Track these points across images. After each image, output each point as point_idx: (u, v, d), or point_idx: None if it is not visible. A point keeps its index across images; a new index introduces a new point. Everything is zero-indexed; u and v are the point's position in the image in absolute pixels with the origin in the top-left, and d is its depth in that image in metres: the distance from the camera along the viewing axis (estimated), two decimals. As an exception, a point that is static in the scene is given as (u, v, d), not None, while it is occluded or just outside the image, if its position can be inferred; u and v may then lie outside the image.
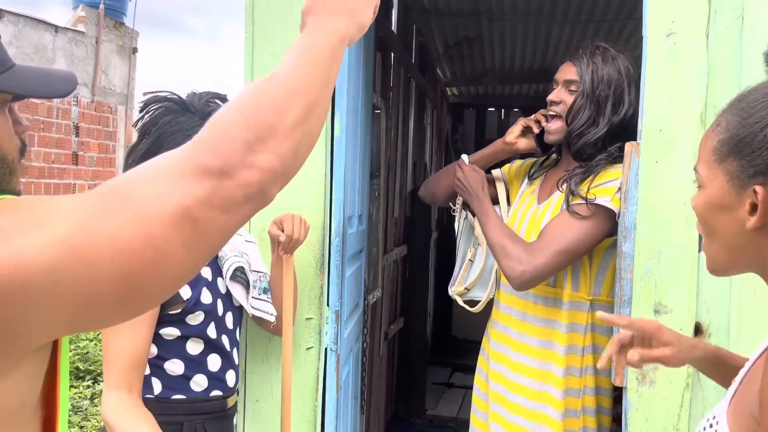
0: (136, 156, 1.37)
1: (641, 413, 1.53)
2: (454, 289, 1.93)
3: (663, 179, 1.51)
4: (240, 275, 1.50)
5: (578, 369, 1.69)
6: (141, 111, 1.43)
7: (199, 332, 1.39)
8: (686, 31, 1.51)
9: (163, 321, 1.37)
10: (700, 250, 1.51)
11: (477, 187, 1.82)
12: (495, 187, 1.95)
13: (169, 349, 1.38)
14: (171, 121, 1.37)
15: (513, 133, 1.87)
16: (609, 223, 1.61)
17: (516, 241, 1.67)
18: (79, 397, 3.07)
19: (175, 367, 1.40)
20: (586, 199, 1.61)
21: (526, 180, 1.92)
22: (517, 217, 1.83)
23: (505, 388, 1.75)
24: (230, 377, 1.48)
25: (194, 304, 1.38)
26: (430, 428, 3.85)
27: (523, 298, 1.74)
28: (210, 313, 1.40)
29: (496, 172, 2.00)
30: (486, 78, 5.58)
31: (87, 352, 3.39)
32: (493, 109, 6.42)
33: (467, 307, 1.91)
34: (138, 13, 9.59)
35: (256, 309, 1.54)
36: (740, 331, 1.47)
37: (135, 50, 9.53)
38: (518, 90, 5.96)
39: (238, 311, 1.53)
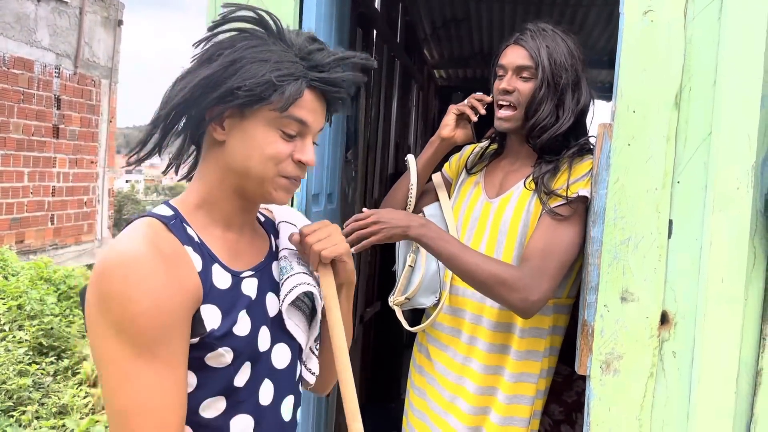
0: (194, 80, 0.96)
1: (604, 403, 1.49)
2: (393, 299, 1.75)
3: (634, 163, 1.46)
4: (304, 302, 1.07)
5: (534, 375, 1.62)
6: (215, 26, 1.01)
7: (222, 384, 0.96)
8: (664, 9, 1.44)
9: None
10: (669, 236, 1.46)
11: (407, 219, 1.55)
12: (437, 196, 1.81)
13: None
14: (257, 47, 0.97)
15: (448, 126, 1.73)
16: None
17: (504, 265, 1.52)
18: (42, 374, 3.01)
19: None
20: (567, 197, 1.54)
21: (463, 172, 1.80)
22: (461, 212, 1.71)
23: (445, 389, 1.68)
24: None
25: (221, 336, 0.94)
26: (404, 412, 3.82)
27: (480, 301, 1.64)
28: (245, 351, 0.97)
29: (436, 178, 1.85)
30: (474, 61, 5.52)
31: (51, 328, 3.33)
32: (481, 93, 6.37)
33: (406, 325, 1.76)
34: (124, -16, 9.41)
35: (302, 364, 1.11)
36: (707, 321, 1.42)
37: (120, 23, 9.36)
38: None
39: (296, 342, 1.08)
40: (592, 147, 1.61)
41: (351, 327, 1.18)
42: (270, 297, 1.04)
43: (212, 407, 0.96)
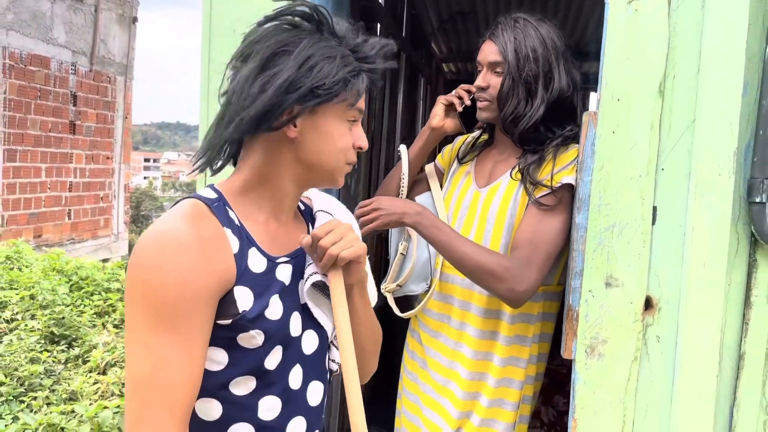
0: (273, 85, 0.95)
1: (589, 386, 1.52)
2: (384, 286, 1.79)
3: (619, 150, 1.48)
4: (324, 289, 1.06)
5: (523, 360, 1.66)
6: (266, 21, 1.03)
7: (252, 364, 0.98)
8: (648, -2, 1.46)
9: None
10: (654, 223, 1.49)
11: (404, 207, 1.58)
12: (428, 185, 1.84)
13: (205, 380, 0.97)
14: (319, 42, 0.97)
15: (437, 116, 1.76)
16: None
17: (494, 256, 1.54)
18: (53, 361, 3.09)
19: (209, 408, 0.99)
20: (551, 187, 1.57)
21: (455, 162, 1.84)
22: (452, 201, 1.75)
23: (438, 373, 1.72)
24: (295, 428, 1.05)
25: (253, 319, 0.96)
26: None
27: (468, 288, 1.67)
28: (276, 335, 0.99)
29: (428, 169, 1.88)
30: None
31: (62, 318, 3.41)
32: (468, 84, 6.35)
33: (397, 311, 1.80)
34: (139, -18, 9.52)
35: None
36: (689, 306, 1.44)
37: (135, 20, 9.47)
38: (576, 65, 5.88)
39: (324, 330, 1.09)
40: (577, 135, 1.63)
41: (373, 323, 1.15)
42: (302, 284, 1.06)
43: (242, 385, 0.99)
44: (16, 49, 7.47)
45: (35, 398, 2.72)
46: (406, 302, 1.95)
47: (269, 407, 1.01)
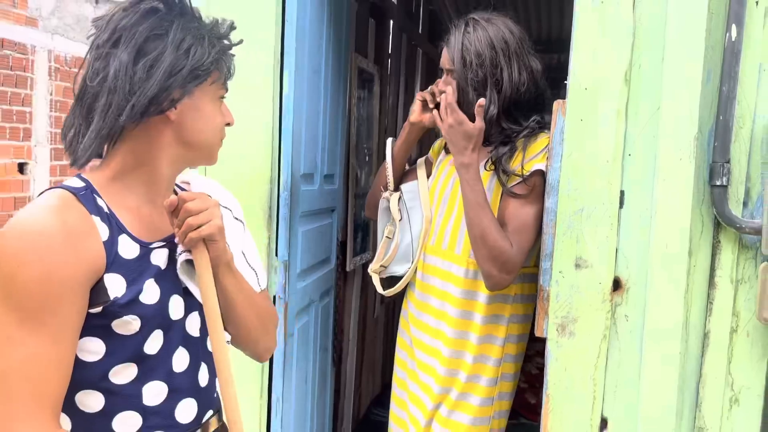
0: (159, 70, 0.97)
1: (560, 363, 1.59)
2: (370, 267, 1.90)
3: (587, 137, 1.54)
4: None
5: (500, 339, 1.74)
6: (133, 5, 1.01)
7: (131, 351, 0.98)
8: (613, -9, 1.52)
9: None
10: (621, 207, 1.55)
11: (471, 153, 1.62)
12: (417, 175, 1.92)
13: (83, 372, 0.96)
14: (190, 23, 1.02)
15: (415, 112, 1.84)
16: None
17: (506, 241, 1.60)
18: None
19: (90, 400, 0.98)
20: (523, 176, 1.64)
21: (443, 152, 1.91)
22: (437, 188, 1.83)
23: (422, 351, 1.81)
24: (185, 410, 1.06)
25: (126, 304, 0.96)
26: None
27: (447, 269, 1.75)
28: (153, 319, 0.99)
29: (420, 160, 1.97)
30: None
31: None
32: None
33: (380, 289, 1.88)
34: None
35: None
36: (653, 286, 1.50)
37: (174, 22, 9.74)
38: (548, 60, 5.89)
39: None
40: (546, 123, 1.70)
41: (253, 301, 1.15)
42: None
43: (122, 374, 0.98)
44: (61, 52, 7.82)
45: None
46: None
47: (154, 393, 1.01)
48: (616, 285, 1.56)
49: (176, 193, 1.14)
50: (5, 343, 0.88)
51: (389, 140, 1.93)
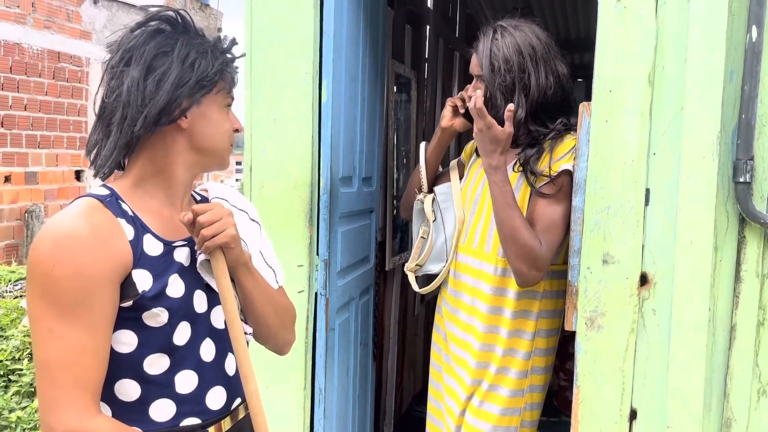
0: (167, 83, 1.07)
1: (590, 356, 1.65)
2: (406, 266, 1.98)
3: (612, 137, 1.60)
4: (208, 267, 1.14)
5: (529, 333, 1.80)
6: (142, 25, 1.11)
7: (161, 342, 1.07)
8: (636, -4, 1.58)
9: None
10: (646, 204, 1.60)
11: (499, 157, 1.68)
12: (450, 177, 1.99)
13: (119, 363, 1.05)
14: (194, 39, 1.11)
15: (446, 117, 1.91)
16: None
17: (536, 240, 1.66)
18: None
19: (128, 389, 1.07)
20: (550, 176, 1.71)
21: (474, 155, 1.98)
22: (469, 189, 1.90)
23: (455, 345, 1.89)
24: (215, 398, 1.15)
25: (154, 297, 1.05)
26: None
27: (478, 267, 1.82)
28: (179, 311, 1.08)
29: (452, 163, 2.04)
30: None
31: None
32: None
33: (416, 287, 1.97)
34: (221, -5, 10.10)
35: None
36: (679, 281, 1.55)
37: (219, 30, 10.06)
38: (579, 59, 5.88)
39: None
40: (572, 125, 1.76)
41: (270, 299, 1.22)
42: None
43: (156, 364, 1.07)
44: (113, 64, 8.16)
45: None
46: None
47: (186, 381, 1.10)
48: (643, 280, 1.61)
49: (195, 199, 1.25)
50: (47, 335, 0.98)
51: (422, 144, 2.02)
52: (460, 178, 2.00)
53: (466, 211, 1.89)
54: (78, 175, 7.85)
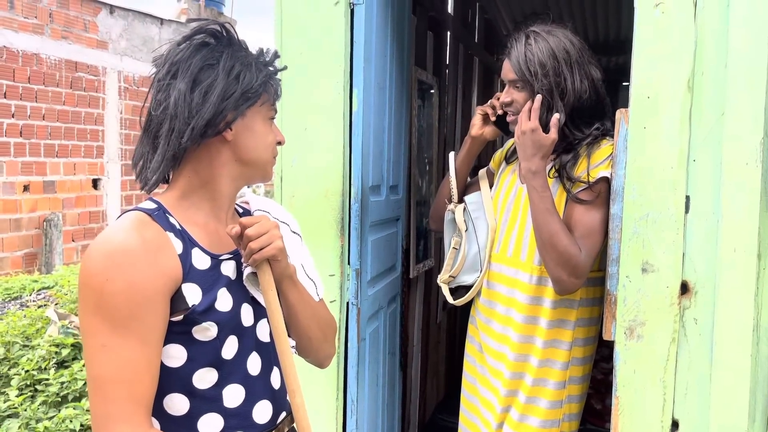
0: (212, 95, 1.07)
1: (629, 366, 1.62)
2: (439, 277, 1.96)
3: (650, 144, 1.58)
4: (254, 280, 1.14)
5: (566, 343, 1.78)
6: (188, 39, 1.12)
7: (211, 356, 1.07)
8: (674, 1, 1.55)
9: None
10: (687, 212, 1.57)
11: (538, 162, 1.67)
12: (479, 186, 1.98)
13: (169, 377, 1.05)
14: (239, 51, 1.12)
15: (476, 126, 1.91)
16: None
17: (575, 246, 1.65)
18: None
19: (176, 403, 1.07)
20: (588, 183, 1.69)
21: (503, 163, 1.97)
22: (500, 197, 1.89)
23: (489, 356, 1.87)
24: (261, 412, 1.14)
25: (204, 312, 1.05)
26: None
27: (513, 276, 1.81)
28: (228, 325, 1.08)
29: (481, 173, 2.02)
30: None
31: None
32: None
33: (450, 298, 1.96)
34: (234, 0, 10.16)
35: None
36: (722, 290, 1.52)
37: (233, 39, 10.09)
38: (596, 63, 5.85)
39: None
40: (607, 130, 1.74)
41: (314, 312, 1.23)
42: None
43: (205, 378, 1.07)
44: (129, 72, 8.23)
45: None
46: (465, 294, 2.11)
47: (233, 395, 1.10)
48: (684, 289, 1.58)
49: (237, 212, 1.24)
50: (100, 350, 0.98)
51: (451, 154, 2.00)
52: (490, 187, 1.98)
53: (498, 219, 1.87)
54: (95, 183, 7.91)
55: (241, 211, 1.27)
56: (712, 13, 1.53)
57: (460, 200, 1.97)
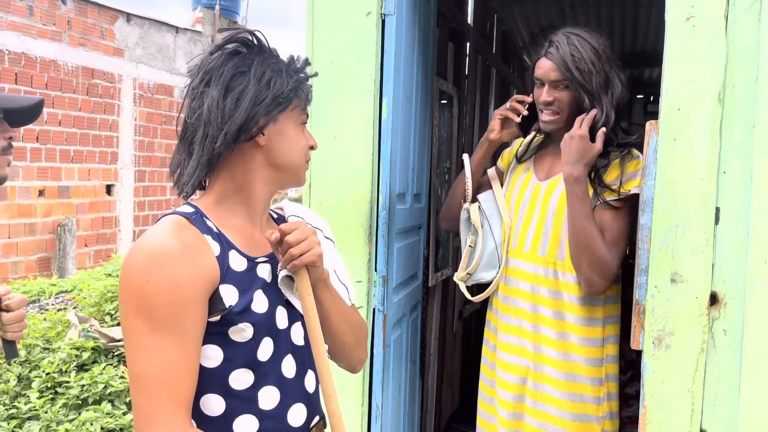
0: (244, 101, 1.09)
1: (657, 375, 1.63)
2: (456, 275, 2.00)
3: (680, 156, 1.59)
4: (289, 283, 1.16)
5: (599, 339, 1.81)
6: (220, 47, 1.14)
7: (246, 357, 1.08)
8: (705, 15, 1.57)
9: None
10: (716, 223, 1.58)
11: (578, 168, 1.71)
12: (491, 186, 2.02)
13: (205, 378, 1.07)
14: (269, 59, 1.14)
15: (495, 130, 1.93)
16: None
17: (609, 251, 1.71)
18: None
19: (213, 404, 1.08)
20: (619, 193, 1.75)
21: (513, 161, 2.00)
22: (513, 194, 1.93)
23: (503, 352, 1.90)
24: (296, 415, 1.15)
25: (240, 312, 1.06)
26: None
27: (534, 272, 1.85)
28: (263, 326, 1.09)
29: (490, 172, 2.06)
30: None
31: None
32: (521, 95, 6.34)
33: (468, 295, 1.99)
34: (249, 10, 10.25)
35: None
36: (753, 301, 1.53)
37: (246, 47, 10.16)
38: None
39: None
40: (640, 143, 1.76)
41: (347, 317, 1.25)
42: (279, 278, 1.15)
43: (241, 380, 1.08)
44: (144, 80, 8.30)
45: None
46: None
47: (269, 397, 1.11)
48: (713, 299, 1.59)
49: (272, 217, 1.26)
50: (142, 350, 1.00)
51: (465, 156, 2.03)
52: (501, 185, 2.02)
53: (513, 216, 1.92)
54: (109, 189, 7.96)
55: (275, 216, 1.28)
56: (743, 27, 1.55)
57: (473, 199, 2.00)
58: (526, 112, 1.89)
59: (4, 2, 6.45)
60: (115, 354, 3.26)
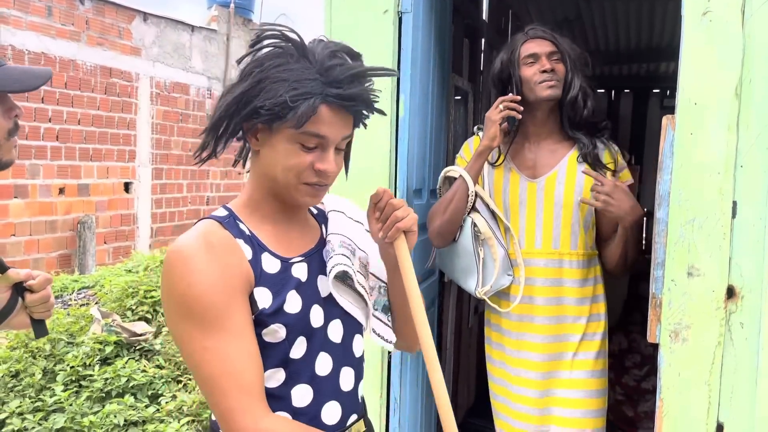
0: (230, 98, 1.07)
1: (674, 368, 1.64)
2: (480, 291, 1.97)
3: (697, 150, 1.60)
4: (353, 280, 1.16)
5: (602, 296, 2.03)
6: (252, 46, 1.11)
7: (280, 357, 1.09)
8: (722, 9, 1.58)
9: None
10: (734, 217, 1.59)
11: (630, 210, 1.86)
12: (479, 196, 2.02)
13: None
14: (279, 66, 1.05)
15: (497, 137, 1.89)
16: None
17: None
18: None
19: None
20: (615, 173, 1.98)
21: (488, 167, 2.00)
22: (504, 196, 1.98)
23: (530, 351, 2.01)
24: (331, 412, 1.15)
25: (272, 314, 1.07)
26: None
27: (556, 266, 1.98)
28: (296, 326, 1.09)
29: (477, 188, 2.04)
30: (591, 59, 5.53)
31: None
32: (602, 91, 6.32)
33: (497, 307, 2.00)
34: (264, 8, 10.30)
35: (376, 334, 1.23)
36: (769, 294, 1.54)
37: (261, 45, 10.22)
38: (627, 70, 5.84)
39: (352, 318, 1.19)
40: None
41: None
42: (321, 279, 1.15)
43: (273, 378, 1.09)
44: (161, 78, 8.38)
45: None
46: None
47: (301, 395, 1.11)
48: (730, 293, 1.60)
49: (311, 212, 1.25)
50: (202, 352, 1.01)
51: (461, 170, 1.96)
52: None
53: (510, 218, 1.98)
54: (127, 187, 8.06)
55: (315, 212, 1.27)
56: (760, 22, 1.55)
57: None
58: (521, 108, 1.89)
59: (23, 3, 6.54)
60: (137, 348, 3.32)
